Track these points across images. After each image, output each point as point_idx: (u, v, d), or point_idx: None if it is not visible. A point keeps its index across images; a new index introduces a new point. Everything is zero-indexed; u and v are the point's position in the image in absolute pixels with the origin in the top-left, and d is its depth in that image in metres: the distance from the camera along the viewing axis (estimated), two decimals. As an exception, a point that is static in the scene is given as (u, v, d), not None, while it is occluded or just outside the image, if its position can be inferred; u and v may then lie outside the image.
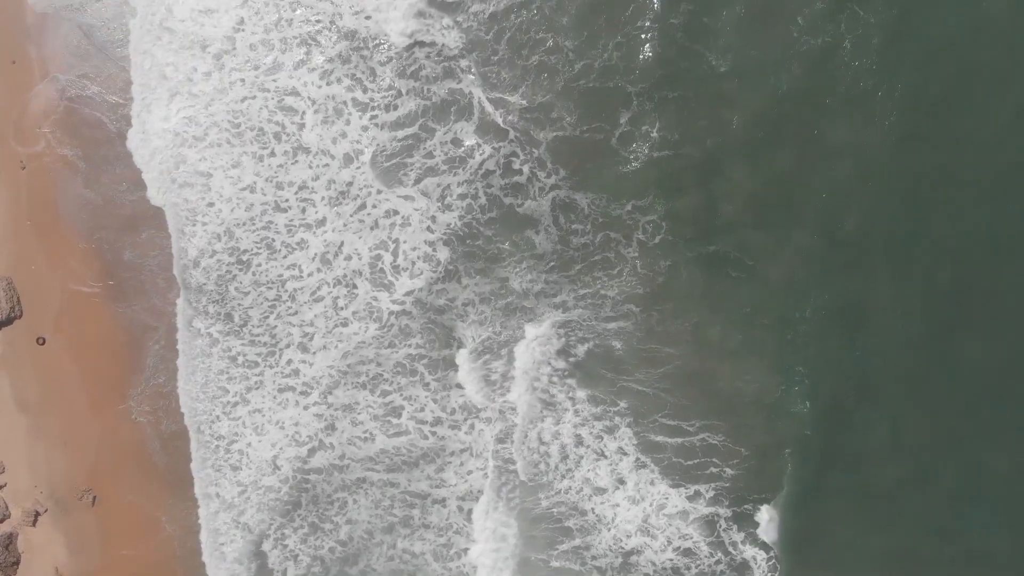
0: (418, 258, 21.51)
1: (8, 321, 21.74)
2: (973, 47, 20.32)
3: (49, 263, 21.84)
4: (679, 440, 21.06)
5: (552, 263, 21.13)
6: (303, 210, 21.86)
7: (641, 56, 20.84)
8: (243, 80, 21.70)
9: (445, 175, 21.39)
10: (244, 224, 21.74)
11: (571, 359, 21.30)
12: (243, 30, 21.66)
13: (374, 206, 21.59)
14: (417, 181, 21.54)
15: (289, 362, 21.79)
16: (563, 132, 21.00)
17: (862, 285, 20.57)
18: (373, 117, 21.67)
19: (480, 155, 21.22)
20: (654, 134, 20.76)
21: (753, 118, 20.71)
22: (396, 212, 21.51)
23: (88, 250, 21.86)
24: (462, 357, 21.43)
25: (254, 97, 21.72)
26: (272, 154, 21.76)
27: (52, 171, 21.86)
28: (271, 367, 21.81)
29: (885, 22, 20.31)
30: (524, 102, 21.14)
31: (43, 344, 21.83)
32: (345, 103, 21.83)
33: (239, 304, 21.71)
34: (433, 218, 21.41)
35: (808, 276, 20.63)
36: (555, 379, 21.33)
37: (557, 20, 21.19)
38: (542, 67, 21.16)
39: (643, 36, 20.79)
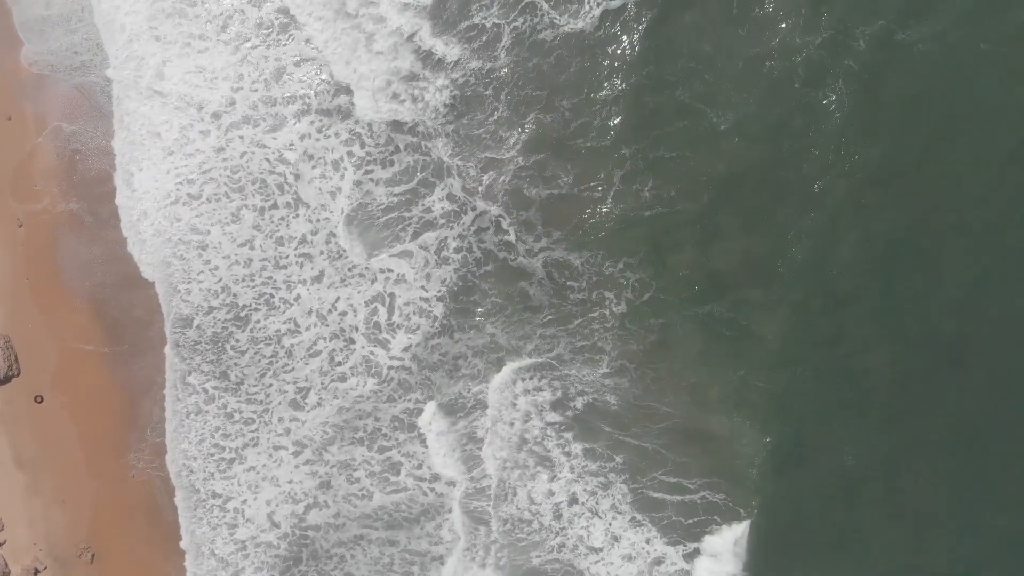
0: (413, 312, 21.43)
1: (6, 379, 21.77)
2: (970, 101, 20.10)
3: (47, 321, 21.85)
4: (679, 497, 20.96)
5: (548, 317, 21.01)
6: (301, 265, 21.85)
7: (639, 114, 20.72)
8: (242, 136, 21.69)
9: (442, 229, 21.30)
10: (243, 280, 21.73)
11: (567, 412, 21.15)
12: (242, 88, 21.68)
13: (367, 264, 21.59)
14: (414, 237, 21.48)
15: (280, 420, 21.71)
16: (557, 191, 20.92)
17: (859, 344, 20.43)
18: (368, 172, 21.65)
19: (473, 212, 21.13)
20: (646, 192, 20.62)
21: (752, 175, 20.52)
22: (390, 270, 21.46)
23: (86, 307, 21.88)
24: (427, 417, 21.37)
25: (253, 152, 21.73)
26: (275, 205, 21.77)
27: (50, 228, 21.91)
28: (267, 424, 21.76)
29: (883, 80, 20.17)
30: (520, 160, 21.09)
31: (41, 402, 21.85)
32: (342, 157, 21.80)
33: (236, 363, 21.67)
34: (427, 274, 21.34)
35: (803, 335, 20.45)
36: (550, 432, 21.22)
37: (555, 78, 21.12)
38: (538, 125, 21.10)
39: (642, 94, 20.68)
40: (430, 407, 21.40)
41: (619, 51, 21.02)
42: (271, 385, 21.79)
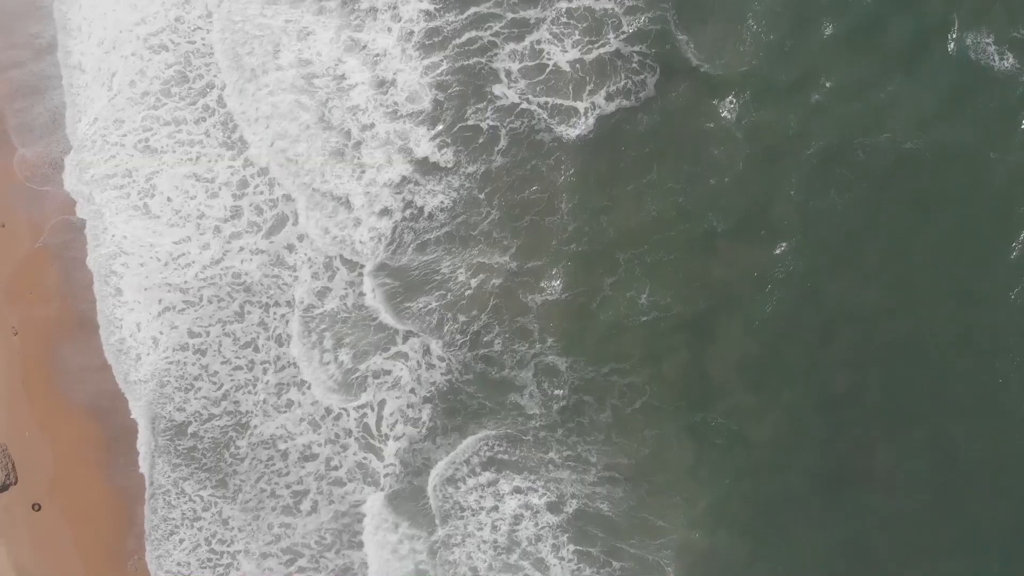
0: (401, 418, 21.31)
1: (3, 487, 21.81)
2: (974, 206, 19.98)
3: (43, 428, 21.89)
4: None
5: (538, 424, 20.84)
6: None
7: (638, 217, 20.68)
8: (242, 247, 21.81)
9: (431, 336, 21.21)
10: (244, 387, 21.75)
11: (561, 515, 20.94)
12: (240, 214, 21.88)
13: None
14: (404, 339, 21.41)
15: (270, 526, 21.62)
16: (551, 296, 20.81)
17: (854, 450, 20.22)
18: (359, 275, 21.60)
19: (466, 317, 21.03)
20: (643, 299, 20.57)
21: (749, 278, 20.51)
22: (387, 372, 21.37)
23: (83, 414, 21.90)
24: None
25: (251, 260, 21.80)
26: (275, 303, 21.85)
27: (45, 335, 21.93)
28: (260, 530, 21.71)
29: (884, 186, 20.05)
30: (514, 265, 20.98)
31: (39, 510, 21.90)
32: (333, 258, 21.74)
33: (234, 469, 21.68)
34: (418, 378, 21.24)
35: (797, 441, 20.27)
36: (544, 532, 21.03)
37: (552, 179, 21.01)
38: (534, 228, 21.00)
39: (643, 198, 20.69)
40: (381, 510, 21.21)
41: (615, 155, 20.98)
42: (266, 490, 21.79)
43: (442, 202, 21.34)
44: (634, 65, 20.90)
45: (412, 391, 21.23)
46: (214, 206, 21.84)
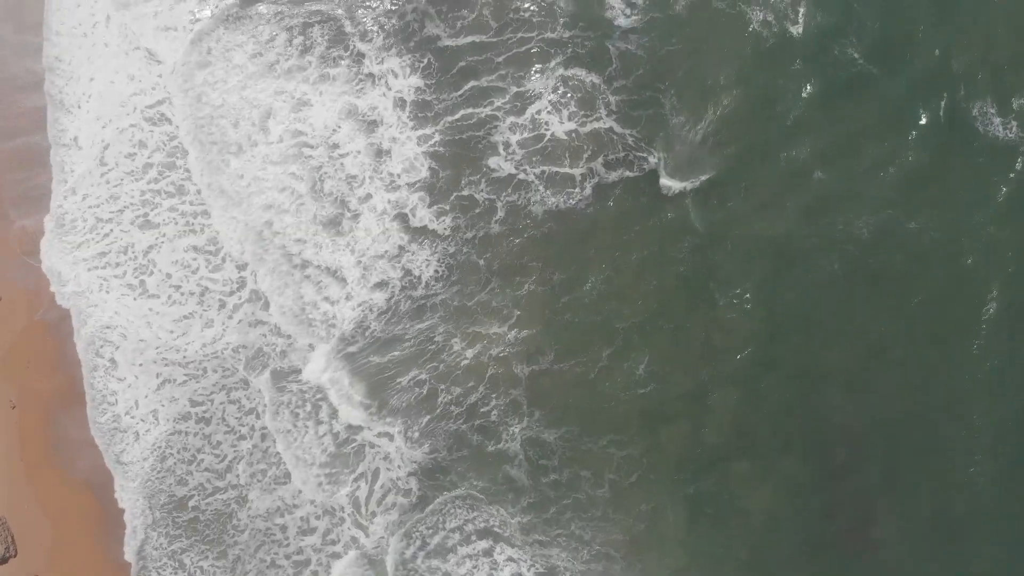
0: (390, 491, 21.23)
1: (3, 560, 21.77)
2: (974, 282, 19.96)
3: (42, 502, 21.83)
4: None
5: (529, 500, 20.72)
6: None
7: (642, 287, 20.68)
8: (241, 319, 21.88)
9: (420, 412, 21.16)
10: (244, 458, 21.77)
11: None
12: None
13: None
14: (392, 413, 21.27)
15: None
16: (546, 367, 20.76)
17: (851, 521, 20.11)
18: (348, 348, 21.58)
19: (460, 390, 20.98)
20: (641, 370, 20.51)
21: (748, 347, 20.47)
22: (375, 445, 21.31)
23: (81, 486, 21.84)
24: None
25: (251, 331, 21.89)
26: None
27: (43, 408, 21.92)
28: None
29: (885, 262, 20.09)
30: (511, 335, 20.95)
31: (38, 584, 21.91)
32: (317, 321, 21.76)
33: (235, 540, 21.62)
34: (403, 454, 21.17)
35: (792, 510, 20.15)
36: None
37: (549, 248, 21.00)
38: (531, 297, 20.98)
39: (644, 267, 20.71)
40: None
41: (617, 225, 21.01)
42: (265, 560, 21.74)
43: (437, 271, 21.36)
44: (629, 141, 21.05)
45: (398, 466, 21.16)
46: (218, 279, 21.88)
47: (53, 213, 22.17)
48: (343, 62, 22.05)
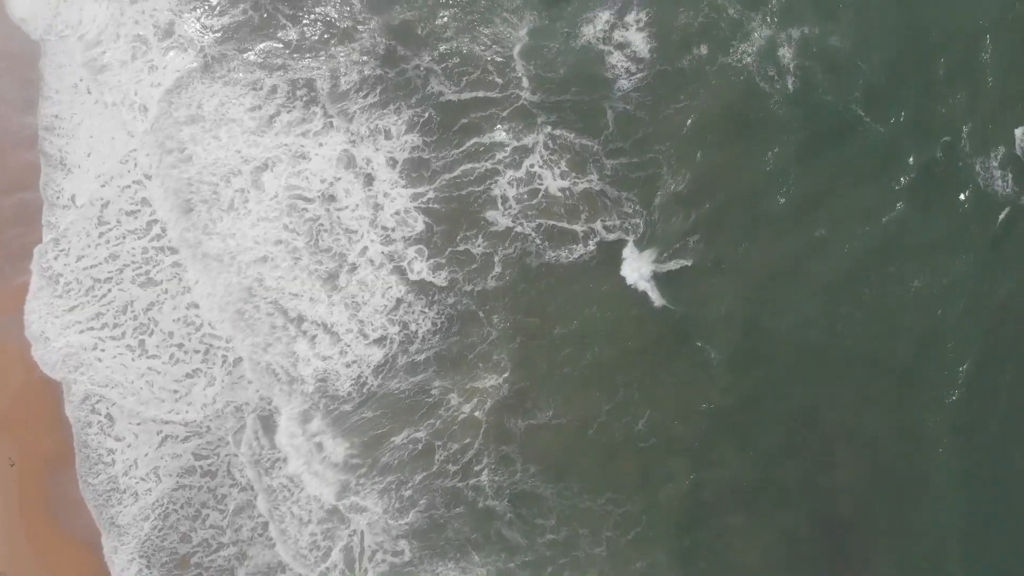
0: (381, 550, 21.18)
1: (3, 618, 21.83)
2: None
3: (41, 561, 21.84)
4: None
5: (524, 559, 20.66)
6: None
7: (639, 341, 20.65)
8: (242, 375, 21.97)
9: (412, 472, 21.10)
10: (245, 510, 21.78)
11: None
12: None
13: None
14: (382, 473, 21.27)
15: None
16: (544, 422, 20.75)
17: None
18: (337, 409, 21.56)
19: (452, 447, 20.98)
20: (640, 425, 20.50)
21: (745, 403, 20.43)
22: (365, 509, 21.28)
23: (81, 544, 21.88)
24: None
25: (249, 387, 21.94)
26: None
27: (42, 466, 22.00)
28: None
29: (872, 310, 20.04)
30: (509, 389, 20.96)
31: (37, 643, 21.88)
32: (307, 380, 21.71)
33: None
34: (397, 512, 21.08)
35: (788, 565, 20.10)
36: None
37: (549, 302, 21.03)
38: (527, 352, 20.98)
39: (644, 321, 20.65)
40: None
41: (618, 281, 21.00)
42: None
43: (435, 323, 21.38)
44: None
45: (388, 525, 21.12)
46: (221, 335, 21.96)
47: (41, 274, 22.29)
48: (316, 120, 22.18)
